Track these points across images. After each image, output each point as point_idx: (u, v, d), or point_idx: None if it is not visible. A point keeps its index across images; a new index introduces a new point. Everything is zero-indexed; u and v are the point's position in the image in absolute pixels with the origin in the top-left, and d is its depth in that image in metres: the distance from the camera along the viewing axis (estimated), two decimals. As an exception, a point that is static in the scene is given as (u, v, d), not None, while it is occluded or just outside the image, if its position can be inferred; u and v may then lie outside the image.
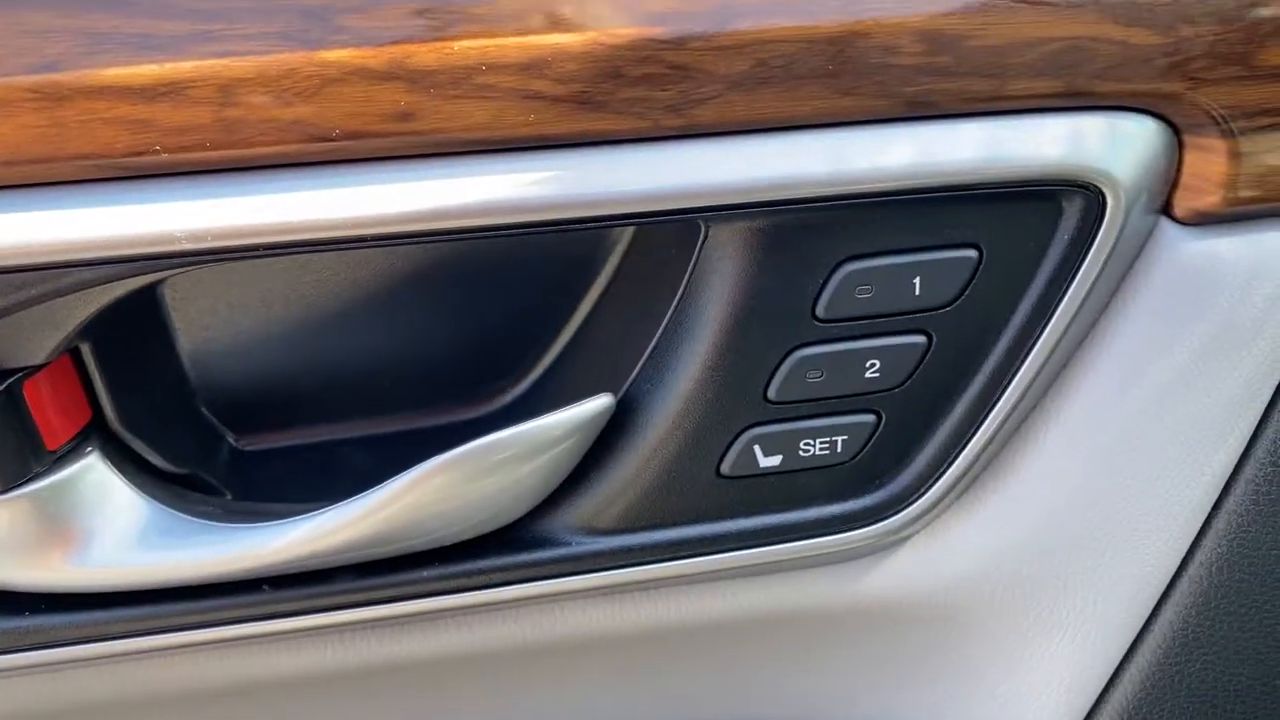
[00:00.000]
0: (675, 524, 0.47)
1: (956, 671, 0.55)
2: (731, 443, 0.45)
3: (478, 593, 0.47)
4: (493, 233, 0.39)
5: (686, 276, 0.43)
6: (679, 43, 0.38)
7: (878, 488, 0.48)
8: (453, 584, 0.46)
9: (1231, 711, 0.55)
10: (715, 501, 0.47)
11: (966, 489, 0.49)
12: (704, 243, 0.42)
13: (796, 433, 0.45)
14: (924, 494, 0.47)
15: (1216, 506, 0.50)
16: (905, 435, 0.47)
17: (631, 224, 0.40)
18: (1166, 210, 0.45)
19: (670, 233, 0.44)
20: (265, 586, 0.45)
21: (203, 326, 0.48)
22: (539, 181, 0.39)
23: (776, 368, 0.44)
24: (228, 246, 0.38)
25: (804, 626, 0.53)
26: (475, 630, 0.50)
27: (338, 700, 0.52)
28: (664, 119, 0.39)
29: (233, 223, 0.37)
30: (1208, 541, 0.50)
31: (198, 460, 0.48)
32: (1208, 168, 0.43)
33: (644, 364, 0.45)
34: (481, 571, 0.46)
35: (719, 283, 0.43)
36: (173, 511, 0.44)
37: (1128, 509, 0.50)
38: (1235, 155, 0.43)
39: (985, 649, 0.54)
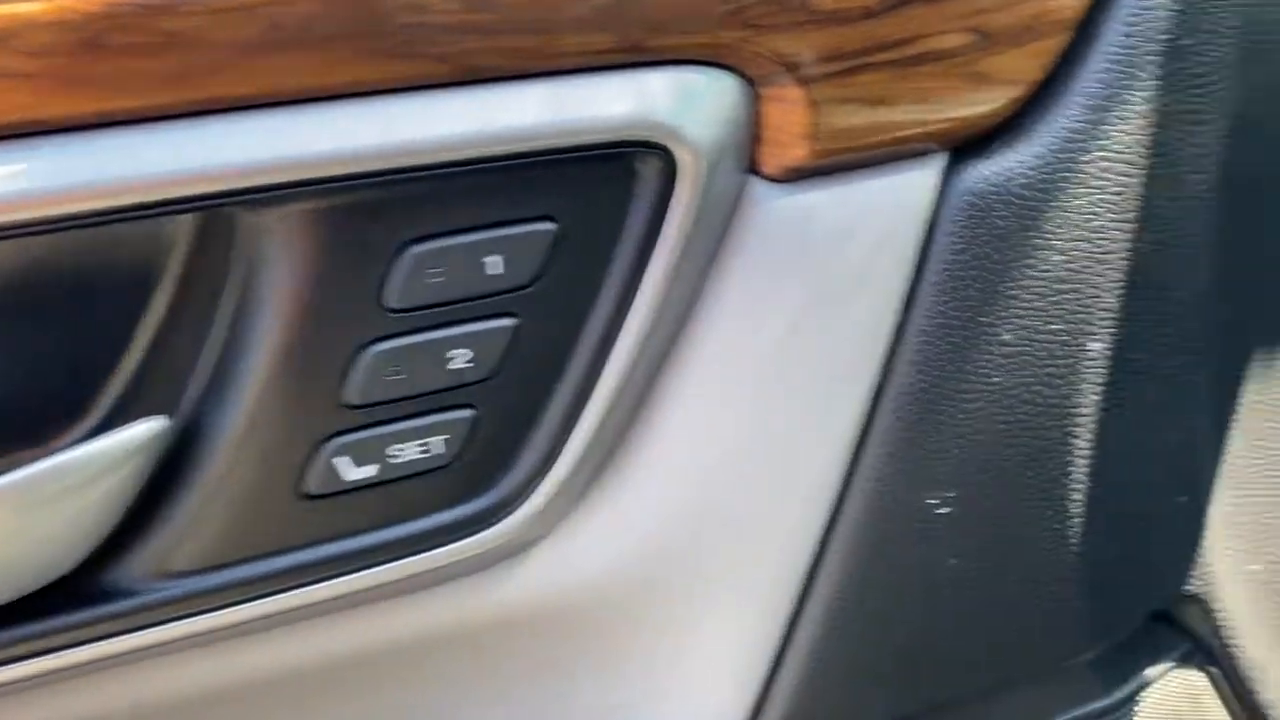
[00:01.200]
0: (259, 557, 0.41)
1: (615, 674, 0.52)
2: (311, 457, 0.41)
3: (42, 659, 0.40)
4: None
5: (240, 276, 0.39)
6: (169, 7, 0.33)
7: (484, 492, 0.44)
8: (8, 652, 0.40)
9: (896, 669, 0.54)
10: (303, 526, 0.42)
11: (587, 485, 0.46)
12: (244, 233, 0.38)
13: (384, 438, 0.41)
14: (533, 494, 0.44)
15: (853, 465, 0.49)
16: (507, 431, 0.43)
17: (139, 217, 0.35)
18: (756, 169, 0.43)
19: (214, 227, 0.39)
20: None
21: None
22: (17, 174, 0.33)
23: (348, 368, 0.40)
24: None
25: (445, 650, 0.49)
26: (51, 705, 0.43)
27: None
28: (166, 95, 0.34)
29: None
30: (849, 506, 0.49)
31: None
32: (788, 120, 0.42)
33: (206, 380, 0.40)
34: (42, 634, 0.40)
35: (271, 279, 0.38)
36: None
37: (759, 482, 0.48)
38: (812, 105, 0.41)
39: (639, 648, 0.51)
